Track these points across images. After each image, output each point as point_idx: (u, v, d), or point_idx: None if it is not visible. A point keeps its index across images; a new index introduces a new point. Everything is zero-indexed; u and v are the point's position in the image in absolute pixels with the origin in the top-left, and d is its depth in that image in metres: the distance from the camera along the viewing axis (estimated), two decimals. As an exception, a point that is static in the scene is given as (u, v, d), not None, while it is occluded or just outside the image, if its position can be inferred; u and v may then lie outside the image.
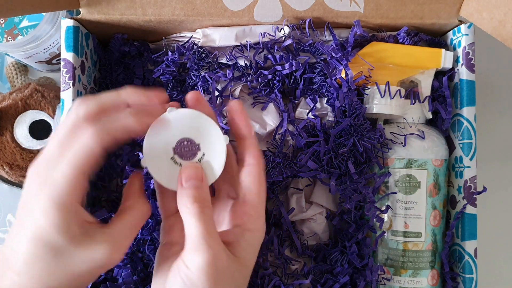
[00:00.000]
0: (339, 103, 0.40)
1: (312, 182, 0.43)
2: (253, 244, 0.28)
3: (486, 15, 0.37)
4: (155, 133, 0.28)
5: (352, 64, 0.40)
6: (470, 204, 0.39)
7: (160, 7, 0.39)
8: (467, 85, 0.40)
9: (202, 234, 0.25)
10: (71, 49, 0.38)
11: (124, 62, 0.44)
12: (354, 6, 0.40)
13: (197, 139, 0.28)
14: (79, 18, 0.39)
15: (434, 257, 0.40)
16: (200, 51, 0.42)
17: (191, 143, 0.28)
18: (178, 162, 0.28)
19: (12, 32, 0.42)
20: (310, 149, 0.39)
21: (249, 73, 0.42)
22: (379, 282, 0.40)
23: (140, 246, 0.39)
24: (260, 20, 0.40)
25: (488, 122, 0.52)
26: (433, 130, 0.41)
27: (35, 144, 0.45)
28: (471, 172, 0.39)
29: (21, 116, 0.45)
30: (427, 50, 0.41)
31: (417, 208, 0.39)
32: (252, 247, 0.28)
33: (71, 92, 0.38)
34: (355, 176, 0.39)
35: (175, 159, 0.28)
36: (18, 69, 0.50)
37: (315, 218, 0.43)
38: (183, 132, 0.28)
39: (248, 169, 0.29)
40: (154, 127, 0.28)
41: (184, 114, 0.28)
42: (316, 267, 0.42)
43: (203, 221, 0.25)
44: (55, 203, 0.23)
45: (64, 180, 0.24)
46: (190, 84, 0.43)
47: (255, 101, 0.44)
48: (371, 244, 0.41)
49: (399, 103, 0.40)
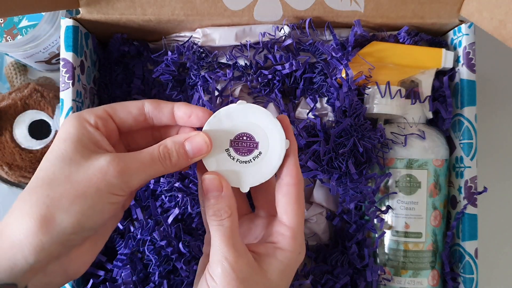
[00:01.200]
0: (339, 103, 0.40)
1: (312, 182, 0.43)
2: (286, 264, 0.27)
3: (486, 14, 0.37)
4: (218, 120, 0.28)
5: (352, 63, 0.40)
6: (471, 204, 0.39)
7: (160, 6, 0.39)
8: (468, 85, 0.40)
9: (219, 245, 0.25)
10: (70, 49, 0.38)
11: (124, 62, 0.44)
12: (355, 6, 0.40)
13: (257, 137, 0.28)
14: (79, 18, 0.39)
15: (435, 257, 0.40)
16: (200, 51, 0.42)
17: (251, 139, 0.28)
18: (232, 155, 0.28)
19: (11, 31, 0.42)
20: (310, 149, 0.39)
21: (249, 73, 0.42)
22: (379, 282, 0.40)
23: (140, 246, 0.39)
24: (260, 19, 0.40)
25: (488, 122, 0.52)
26: (433, 130, 0.41)
27: (35, 144, 0.45)
28: (472, 172, 0.39)
29: (21, 116, 0.45)
30: (427, 50, 0.41)
31: (418, 208, 0.39)
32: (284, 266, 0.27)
33: (71, 92, 0.38)
34: (355, 176, 0.39)
35: (229, 152, 0.28)
36: (18, 69, 0.50)
37: (315, 219, 0.43)
38: (246, 127, 0.28)
39: (286, 188, 0.28)
40: (219, 115, 0.28)
41: (252, 109, 0.28)
42: (317, 267, 0.42)
43: (221, 233, 0.26)
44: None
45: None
46: (190, 84, 0.43)
47: (255, 101, 0.43)
48: (372, 245, 0.41)
49: (399, 103, 0.40)
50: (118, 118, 0.28)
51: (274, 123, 0.28)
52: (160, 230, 0.37)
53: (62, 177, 0.24)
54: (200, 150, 0.27)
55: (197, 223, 0.39)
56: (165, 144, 0.27)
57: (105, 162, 0.25)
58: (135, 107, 0.28)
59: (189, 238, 0.38)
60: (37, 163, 0.45)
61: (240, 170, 0.28)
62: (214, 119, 0.28)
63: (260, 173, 0.28)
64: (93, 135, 0.26)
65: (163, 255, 0.38)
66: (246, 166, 0.28)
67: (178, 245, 0.38)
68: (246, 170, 0.28)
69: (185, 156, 0.27)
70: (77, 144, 0.25)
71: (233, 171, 0.28)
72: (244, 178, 0.28)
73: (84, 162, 0.25)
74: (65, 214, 0.24)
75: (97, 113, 0.27)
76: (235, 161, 0.28)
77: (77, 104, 0.38)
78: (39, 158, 0.45)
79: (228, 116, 0.28)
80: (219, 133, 0.28)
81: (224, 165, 0.28)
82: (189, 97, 0.43)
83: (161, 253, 0.38)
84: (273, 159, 0.28)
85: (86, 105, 0.41)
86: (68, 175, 0.24)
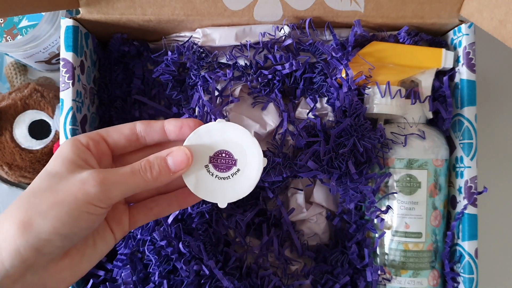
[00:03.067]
0: (339, 103, 0.40)
1: (312, 182, 0.43)
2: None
3: (486, 14, 0.37)
4: (198, 136, 0.29)
5: (352, 63, 0.40)
6: (471, 204, 0.39)
7: (160, 6, 0.39)
8: (468, 85, 0.40)
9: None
10: (70, 49, 0.38)
11: (124, 62, 0.44)
12: (355, 6, 0.40)
13: (236, 154, 0.29)
14: (79, 18, 0.39)
15: (435, 257, 0.40)
16: (200, 51, 0.42)
17: (230, 156, 0.29)
18: (211, 171, 0.29)
19: (11, 31, 0.42)
20: (310, 149, 0.39)
21: (249, 73, 0.42)
22: (379, 282, 0.40)
23: (140, 246, 0.39)
24: (260, 19, 0.40)
25: (488, 122, 0.52)
26: (433, 130, 0.41)
27: (35, 144, 0.45)
28: (472, 172, 0.39)
29: (21, 116, 0.45)
30: (427, 50, 0.41)
31: (418, 208, 0.39)
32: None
33: (71, 91, 0.38)
34: (355, 176, 0.39)
35: (209, 168, 0.29)
36: (18, 69, 0.50)
37: (315, 219, 0.43)
38: (225, 144, 0.29)
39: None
40: (198, 132, 0.29)
41: (231, 128, 0.29)
42: (317, 267, 0.42)
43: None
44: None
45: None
46: (190, 84, 0.43)
47: (255, 101, 0.43)
48: (372, 245, 0.41)
49: (399, 103, 0.40)
50: (111, 139, 0.29)
51: (252, 141, 0.29)
52: (160, 230, 0.37)
53: (45, 187, 0.25)
54: (181, 163, 0.28)
55: (197, 223, 0.39)
56: (148, 158, 0.28)
57: (87, 174, 0.26)
58: (127, 128, 0.29)
59: (189, 238, 0.38)
60: (37, 163, 0.45)
61: (218, 186, 0.29)
62: (194, 136, 0.29)
63: (238, 189, 0.29)
64: (82, 154, 0.27)
65: (163, 255, 0.38)
66: (225, 182, 0.29)
67: (178, 245, 0.38)
68: (224, 186, 0.29)
69: (166, 169, 0.28)
70: (65, 161, 0.26)
71: (212, 187, 0.29)
72: (223, 194, 0.29)
73: (68, 175, 0.26)
74: (42, 218, 0.24)
75: (90, 135, 0.29)
76: (214, 177, 0.29)
77: (77, 104, 0.38)
78: (39, 158, 0.45)
79: (207, 133, 0.29)
80: (198, 150, 0.29)
81: (203, 181, 0.29)
82: (189, 97, 0.43)
83: (161, 253, 0.38)
84: (251, 176, 0.29)
85: (86, 105, 0.41)
86: (51, 185, 0.25)
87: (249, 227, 0.42)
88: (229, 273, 0.39)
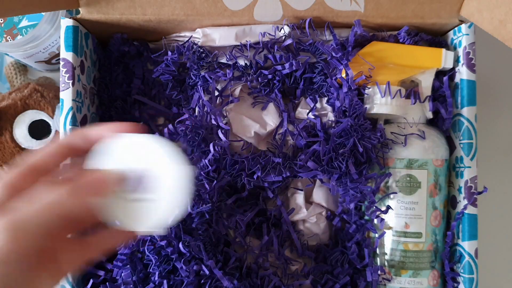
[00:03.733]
0: (339, 103, 0.40)
1: (312, 182, 0.43)
2: None
3: (486, 14, 0.37)
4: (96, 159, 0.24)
5: (352, 63, 0.40)
6: (471, 204, 0.39)
7: (160, 6, 0.39)
8: (468, 85, 0.40)
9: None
10: (70, 49, 0.38)
11: (124, 62, 0.44)
12: (355, 6, 0.40)
13: (148, 171, 0.24)
14: (79, 18, 0.39)
15: (435, 257, 0.40)
16: (200, 51, 0.42)
17: (139, 176, 0.24)
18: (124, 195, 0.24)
19: (11, 31, 0.42)
20: (310, 149, 0.39)
21: (249, 73, 0.42)
22: (379, 282, 0.40)
23: (140, 247, 0.39)
24: (260, 19, 0.40)
25: (488, 122, 0.52)
26: (433, 130, 0.41)
27: (35, 144, 0.45)
28: (472, 172, 0.39)
29: (21, 116, 0.45)
30: (427, 49, 0.41)
31: (418, 208, 0.39)
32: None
33: (71, 91, 0.38)
34: (355, 176, 0.39)
35: (121, 191, 0.24)
36: (18, 69, 0.50)
37: (315, 219, 0.43)
38: (130, 162, 0.24)
39: None
40: (95, 154, 0.24)
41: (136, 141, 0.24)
42: (316, 267, 0.42)
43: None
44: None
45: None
46: (190, 84, 0.43)
47: (255, 101, 0.43)
48: (372, 245, 0.41)
49: (399, 103, 0.40)
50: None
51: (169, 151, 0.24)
52: (160, 230, 0.37)
53: None
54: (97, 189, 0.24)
55: (197, 223, 0.39)
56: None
57: None
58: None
59: (189, 238, 0.38)
60: (37, 163, 0.45)
61: (133, 209, 0.24)
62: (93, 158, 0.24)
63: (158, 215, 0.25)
64: None
65: (163, 255, 0.38)
66: (141, 205, 0.24)
67: (178, 245, 0.38)
68: (140, 210, 0.24)
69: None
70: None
71: (125, 211, 0.24)
72: (139, 219, 0.25)
73: None
74: None
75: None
76: (127, 200, 0.24)
77: (77, 104, 0.38)
78: (39, 158, 0.45)
79: (106, 154, 0.24)
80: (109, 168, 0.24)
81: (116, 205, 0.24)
82: (189, 97, 0.43)
83: (161, 253, 0.38)
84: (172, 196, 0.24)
85: (86, 105, 0.41)
86: None
87: (249, 227, 0.42)
88: (229, 273, 0.39)
